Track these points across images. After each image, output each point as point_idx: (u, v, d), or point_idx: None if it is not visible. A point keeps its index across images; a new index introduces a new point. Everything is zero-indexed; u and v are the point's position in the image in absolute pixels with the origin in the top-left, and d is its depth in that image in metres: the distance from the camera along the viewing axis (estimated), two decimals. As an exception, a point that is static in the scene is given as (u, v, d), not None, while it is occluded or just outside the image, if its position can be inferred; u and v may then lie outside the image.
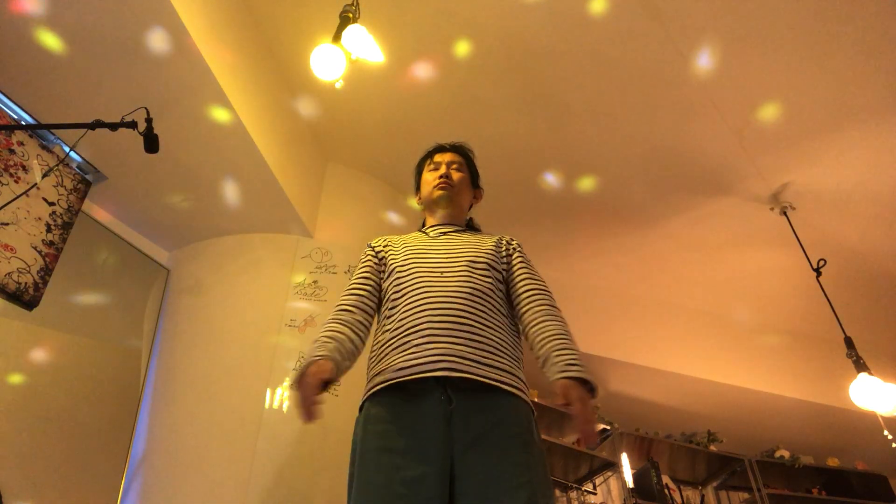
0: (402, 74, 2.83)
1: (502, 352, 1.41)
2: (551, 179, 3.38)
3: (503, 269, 1.58)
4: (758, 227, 3.56)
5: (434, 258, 1.56)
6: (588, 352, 3.97)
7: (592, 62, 2.73)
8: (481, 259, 1.55)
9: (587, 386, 1.28)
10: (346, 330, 1.46)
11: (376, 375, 1.41)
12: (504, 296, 1.55)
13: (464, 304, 1.43)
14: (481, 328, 1.41)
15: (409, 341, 1.39)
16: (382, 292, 1.58)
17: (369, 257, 1.66)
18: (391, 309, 1.50)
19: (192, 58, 2.15)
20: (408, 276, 1.52)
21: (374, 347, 1.50)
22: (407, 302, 1.46)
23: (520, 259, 1.62)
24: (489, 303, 1.47)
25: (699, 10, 2.49)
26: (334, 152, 3.28)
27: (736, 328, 4.37)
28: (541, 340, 1.41)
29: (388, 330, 1.46)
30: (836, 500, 4.28)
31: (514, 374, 1.40)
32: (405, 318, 1.44)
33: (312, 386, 1.27)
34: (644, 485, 3.96)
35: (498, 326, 1.45)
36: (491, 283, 1.51)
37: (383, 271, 1.62)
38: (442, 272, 1.50)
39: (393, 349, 1.41)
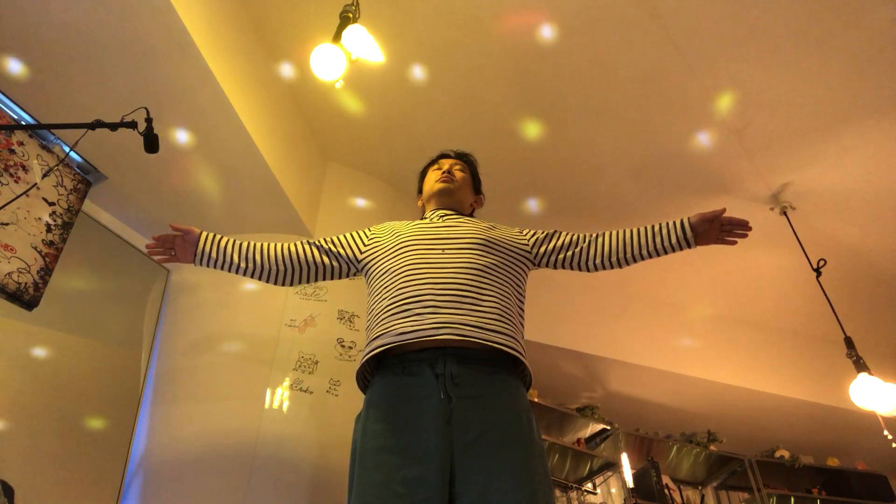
0: (402, 74, 2.83)
1: (505, 317, 1.43)
2: (550, 180, 3.39)
3: (505, 247, 1.60)
4: (758, 227, 3.51)
5: (435, 235, 1.58)
6: (588, 352, 3.97)
7: (592, 62, 2.73)
8: (482, 237, 1.57)
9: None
10: (275, 247, 1.65)
11: (375, 339, 1.42)
12: (507, 272, 1.56)
13: (466, 278, 1.45)
14: (484, 298, 1.43)
15: (410, 309, 1.40)
16: (379, 266, 1.60)
17: (359, 233, 1.72)
18: (389, 281, 1.51)
19: (192, 58, 2.15)
20: (407, 250, 1.54)
21: (371, 316, 1.51)
22: (406, 274, 1.48)
23: (533, 230, 1.71)
24: (490, 278, 1.49)
25: (699, 10, 2.49)
26: (334, 152, 3.28)
27: (736, 328, 4.37)
28: (636, 238, 1.61)
29: (386, 298, 1.47)
30: (836, 500, 4.28)
31: (516, 340, 1.41)
32: (405, 288, 1.45)
33: (167, 232, 1.59)
34: (644, 485, 3.96)
35: (500, 297, 1.47)
36: (493, 260, 1.53)
37: (363, 252, 1.66)
38: (443, 249, 1.52)
39: (391, 314, 1.42)
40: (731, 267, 3.93)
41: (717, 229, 1.53)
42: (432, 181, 1.80)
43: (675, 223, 1.58)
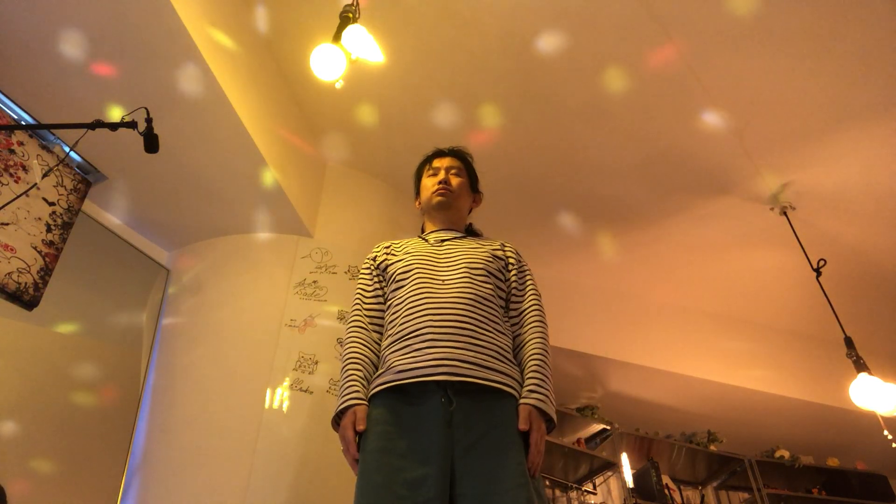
0: (403, 74, 2.83)
1: (502, 355, 1.42)
2: (550, 180, 3.39)
3: (503, 277, 1.59)
4: (758, 227, 3.56)
5: (434, 265, 1.57)
6: (588, 352, 3.98)
7: (592, 62, 2.73)
8: (480, 266, 1.56)
9: (546, 417, 1.36)
10: (368, 352, 1.51)
11: (377, 377, 1.42)
12: (503, 301, 1.56)
13: (464, 310, 1.44)
14: (481, 332, 1.42)
15: (410, 345, 1.40)
16: (388, 297, 1.60)
17: (370, 268, 1.68)
18: (393, 314, 1.51)
19: (193, 58, 2.15)
20: (409, 282, 1.53)
21: (381, 349, 1.51)
22: (408, 307, 1.47)
23: (517, 270, 1.65)
24: (489, 308, 1.49)
25: (699, 9, 2.49)
26: (334, 152, 3.28)
27: (736, 328, 4.37)
28: (524, 362, 1.48)
29: (390, 334, 1.48)
30: (836, 500, 4.28)
31: (513, 378, 1.41)
32: (406, 322, 1.45)
33: (352, 442, 1.36)
34: (644, 485, 3.96)
35: (497, 331, 1.47)
36: (490, 290, 1.53)
37: (384, 279, 1.63)
38: (444, 280, 1.52)
39: (393, 352, 1.42)
40: (731, 267, 3.93)
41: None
42: (429, 191, 1.77)
43: (525, 395, 1.39)
